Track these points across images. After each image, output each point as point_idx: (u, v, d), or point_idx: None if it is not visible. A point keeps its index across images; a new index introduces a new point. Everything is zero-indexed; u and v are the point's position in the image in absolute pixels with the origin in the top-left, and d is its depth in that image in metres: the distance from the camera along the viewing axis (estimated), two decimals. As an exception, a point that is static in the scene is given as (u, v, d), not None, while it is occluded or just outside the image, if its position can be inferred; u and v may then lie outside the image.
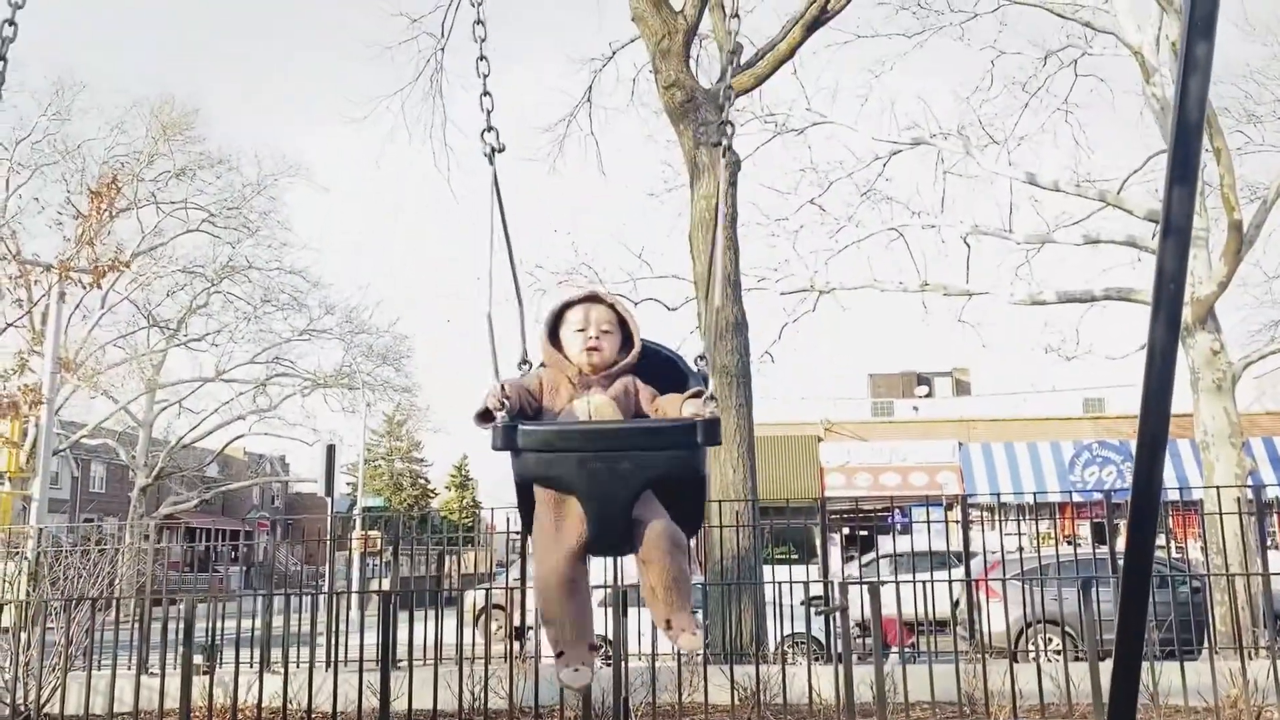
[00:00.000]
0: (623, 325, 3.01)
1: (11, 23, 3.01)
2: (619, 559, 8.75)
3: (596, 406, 2.91)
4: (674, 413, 2.85)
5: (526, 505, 2.93)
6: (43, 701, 8.96)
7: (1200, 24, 2.47)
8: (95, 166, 27.54)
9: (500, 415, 2.74)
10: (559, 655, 2.83)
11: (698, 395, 2.81)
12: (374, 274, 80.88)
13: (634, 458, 2.73)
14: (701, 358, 3.01)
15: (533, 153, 17.51)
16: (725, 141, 3.10)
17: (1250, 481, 12.45)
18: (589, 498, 2.75)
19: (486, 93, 3.05)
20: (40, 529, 12.60)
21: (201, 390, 33.10)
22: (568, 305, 3.02)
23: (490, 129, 3.03)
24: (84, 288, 19.27)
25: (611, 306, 3.02)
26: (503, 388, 2.78)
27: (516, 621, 10.20)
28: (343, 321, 33.33)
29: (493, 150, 3.01)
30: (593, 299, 3.04)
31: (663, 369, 3.08)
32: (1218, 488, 10.10)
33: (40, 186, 26.90)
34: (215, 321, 32.00)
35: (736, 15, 4.27)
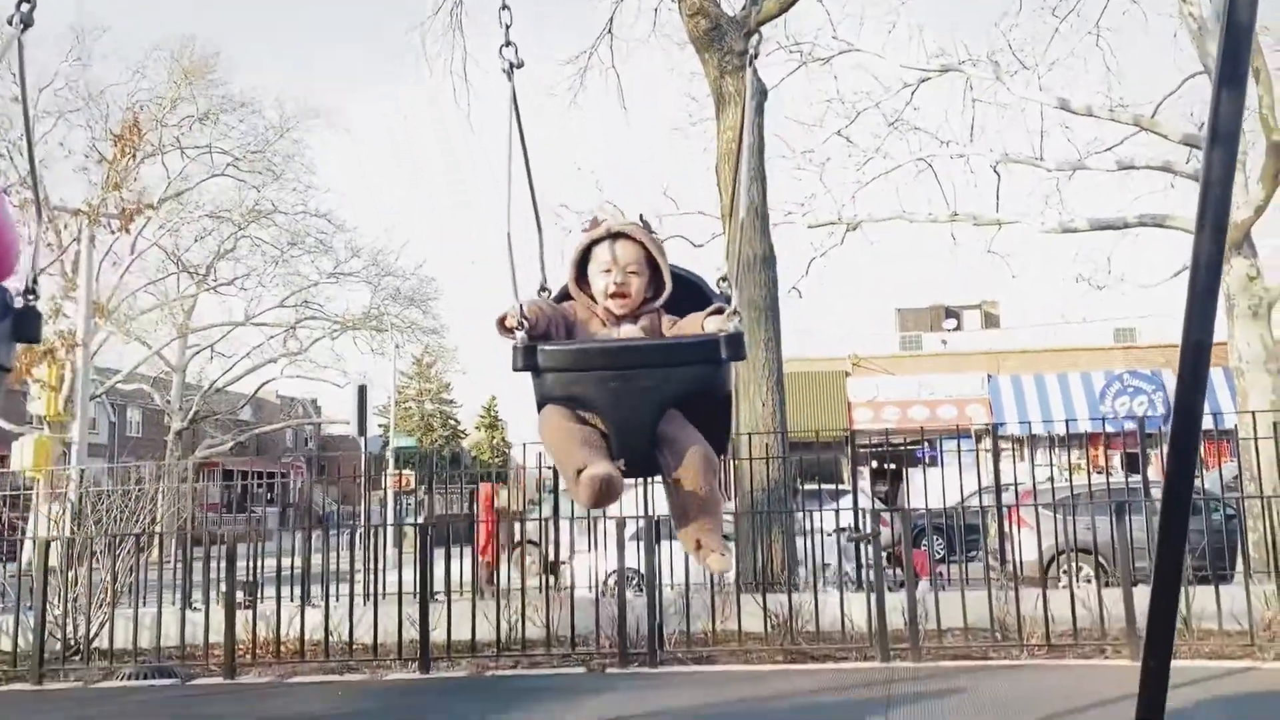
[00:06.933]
0: (651, 262, 2.91)
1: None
2: (651, 493, 8.84)
3: (626, 337, 2.87)
4: (697, 330, 2.79)
5: None
6: (91, 635, 9.20)
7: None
8: (119, 112, 27.49)
9: (519, 335, 2.70)
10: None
11: (719, 312, 2.75)
12: (399, 217, 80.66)
13: (656, 375, 2.69)
14: (724, 279, 2.96)
15: (554, 87, 17.25)
16: (752, 50, 2.97)
17: (1285, 408, 12.28)
18: (611, 417, 2.71)
19: (505, 6, 2.93)
20: (82, 470, 12.82)
21: (232, 334, 33.42)
22: (594, 242, 2.91)
23: (509, 44, 2.90)
24: (113, 232, 19.41)
25: (640, 243, 2.90)
26: (522, 308, 2.72)
27: (550, 558, 10.33)
28: (369, 264, 33.41)
29: (511, 66, 2.89)
30: (620, 235, 2.91)
31: (686, 293, 3.00)
32: (1253, 413, 10.00)
33: (65, 132, 26.94)
34: (243, 266, 32.11)
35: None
